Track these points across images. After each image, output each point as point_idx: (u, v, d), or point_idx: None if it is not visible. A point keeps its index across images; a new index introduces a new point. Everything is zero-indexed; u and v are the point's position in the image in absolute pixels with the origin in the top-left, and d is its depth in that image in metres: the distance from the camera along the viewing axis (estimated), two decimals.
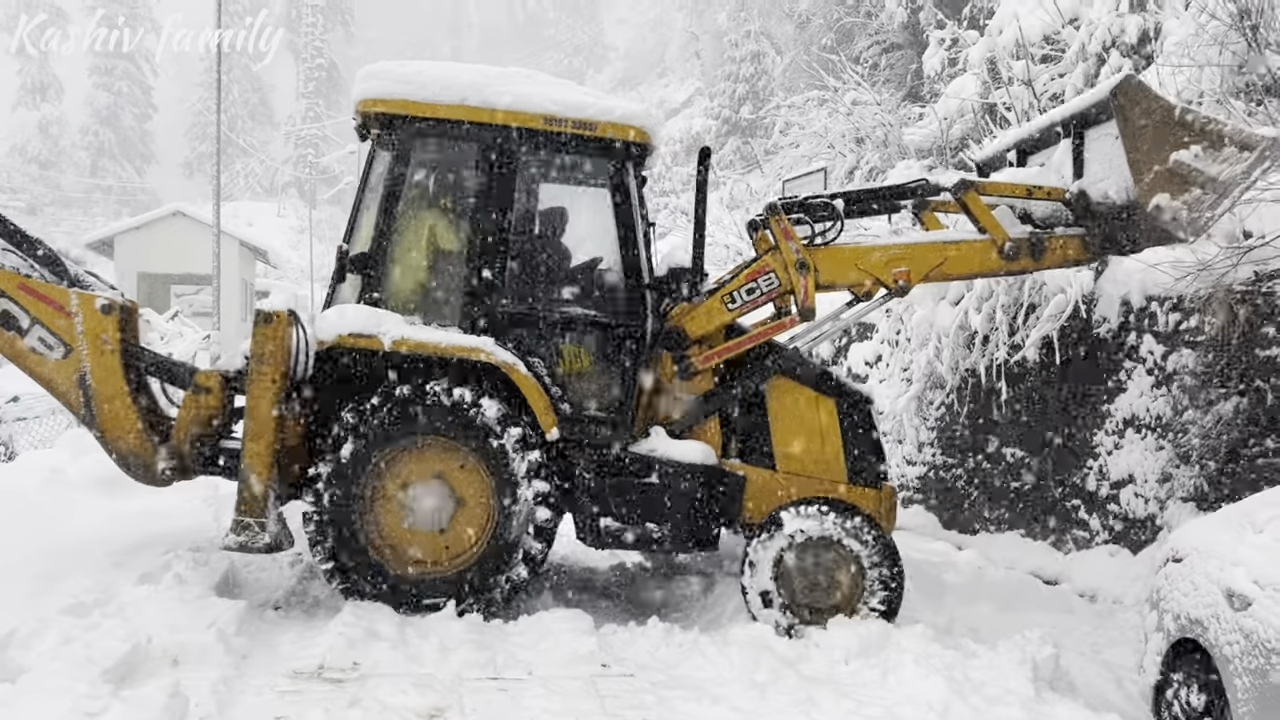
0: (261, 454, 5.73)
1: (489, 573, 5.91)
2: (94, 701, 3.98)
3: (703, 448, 6.25)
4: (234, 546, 5.73)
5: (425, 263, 6.28)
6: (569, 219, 6.83)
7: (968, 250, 6.36)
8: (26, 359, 6.05)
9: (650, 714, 4.55)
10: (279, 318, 5.76)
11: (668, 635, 5.63)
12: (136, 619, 5.05)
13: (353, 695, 4.55)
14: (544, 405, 5.94)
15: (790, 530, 5.90)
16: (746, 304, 6.34)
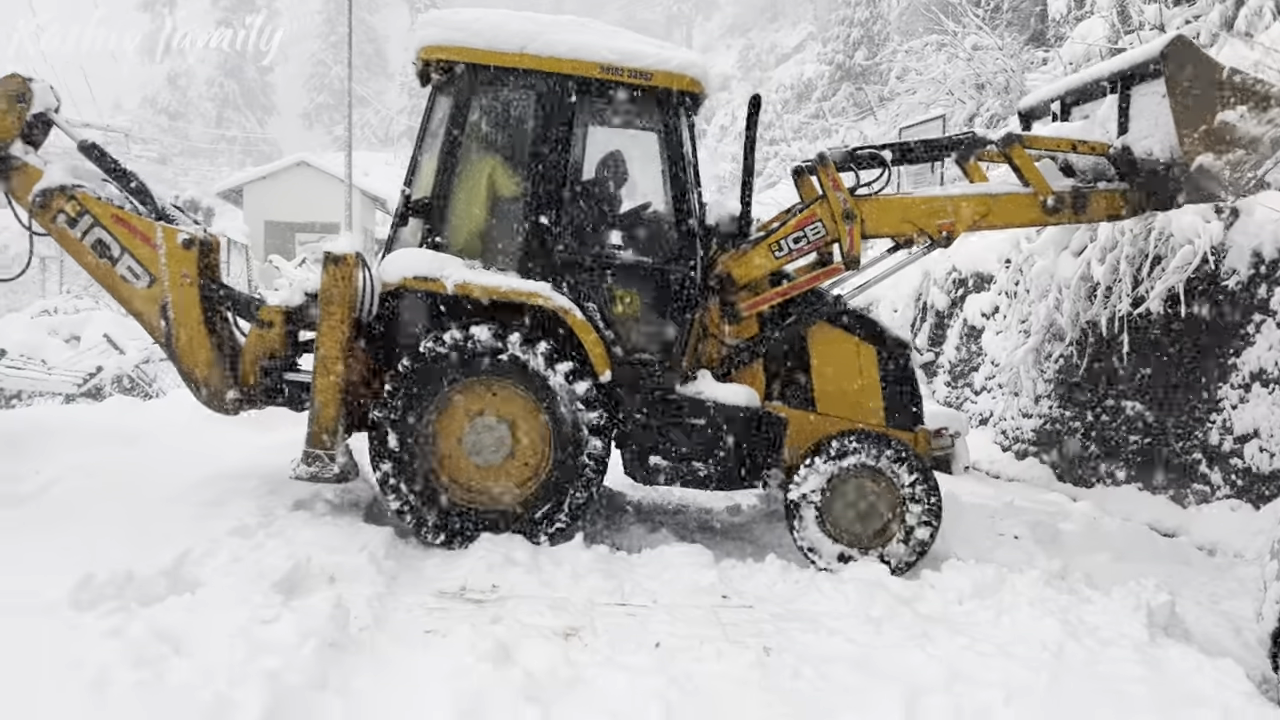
0: (330, 389, 6.04)
1: (546, 505, 6.18)
2: (268, 610, 4.38)
3: (747, 390, 6.49)
4: (304, 476, 6.06)
5: (484, 208, 6.49)
6: (624, 166, 7.02)
7: (1011, 203, 6.53)
8: (117, 286, 6.46)
9: (770, 641, 4.78)
10: (347, 260, 6.02)
11: (784, 572, 5.86)
12: (295, 540, 5.49)
13: (494, 614, 4.90)
14: (597, 348, 6.19)
15: (831, 461, 6.18)
16: (793, 252, 6.53)
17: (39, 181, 6.35)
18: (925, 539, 6.21)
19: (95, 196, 6.39)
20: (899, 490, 6.21)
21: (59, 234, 6.38)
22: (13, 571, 4.61)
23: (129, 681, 3.51)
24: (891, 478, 6.22)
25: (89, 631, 3.92)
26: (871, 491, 6.25)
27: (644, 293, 6.47)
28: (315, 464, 6.03)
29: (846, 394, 6.70)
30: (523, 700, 3.70)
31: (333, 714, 3.65)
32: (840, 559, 6.19)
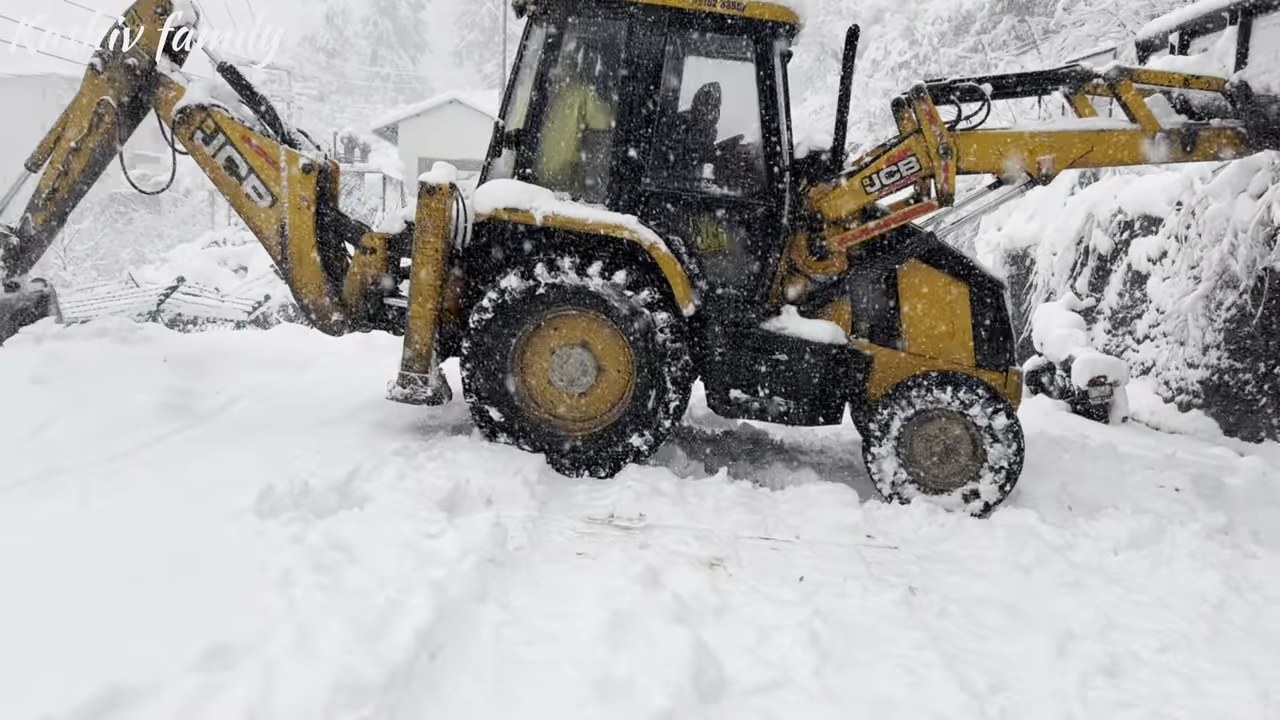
0: (424, 315, 6.22)
1: (627, 433, 6.27)
2: (432, 526, 4.64)
3: (831, 327, 6.43)
4: (399, 398, 6.26)
5: (575, 140, 6.50)
6: (715, 99, 6.91)
7: (1116, 139, 6.30)
8: (242, 203, 6.77)
9: (915, 582, 4.79)
10: (441, 190, 6.16)
11: (931, 514, 5.83)
12: (455, 463, 5.75)
13: (642, 540, 5.05)
14: (681, 281, 6.20)
15: (914, 401, 6.14)
16: (886, 187, 6.42)
17: (180, 98, 6.70)
18: (1006, 482, 6.13)
19: (229, 116, 6.70)
20: (980, 432, 6.14)
21: (194, 150, 6.72)
22: (203, 482, 4.98)
23: (310, 583, 3.79)
24: (973, 419, 6.15)
25: (273, 537, 4.24)
26: (952, 432, 6.21)
27: (730, 226, 6.48)
28: (410, 386, 6.26)
29: (935, 333, 6.62)
30: (672, 621, 3.82)
31: (492, 623, 3.86)
32: (920, 498, 6.15)
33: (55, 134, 6.97)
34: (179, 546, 4.08)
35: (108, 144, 6.93)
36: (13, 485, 4.73)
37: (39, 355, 6.35)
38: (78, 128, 6.88)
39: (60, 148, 6.92)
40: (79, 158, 6.92)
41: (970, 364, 6.57)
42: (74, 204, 7.23)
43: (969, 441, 6.20)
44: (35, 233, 7.11)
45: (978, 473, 6.17)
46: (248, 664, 3.15)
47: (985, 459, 6.15)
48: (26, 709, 2.69)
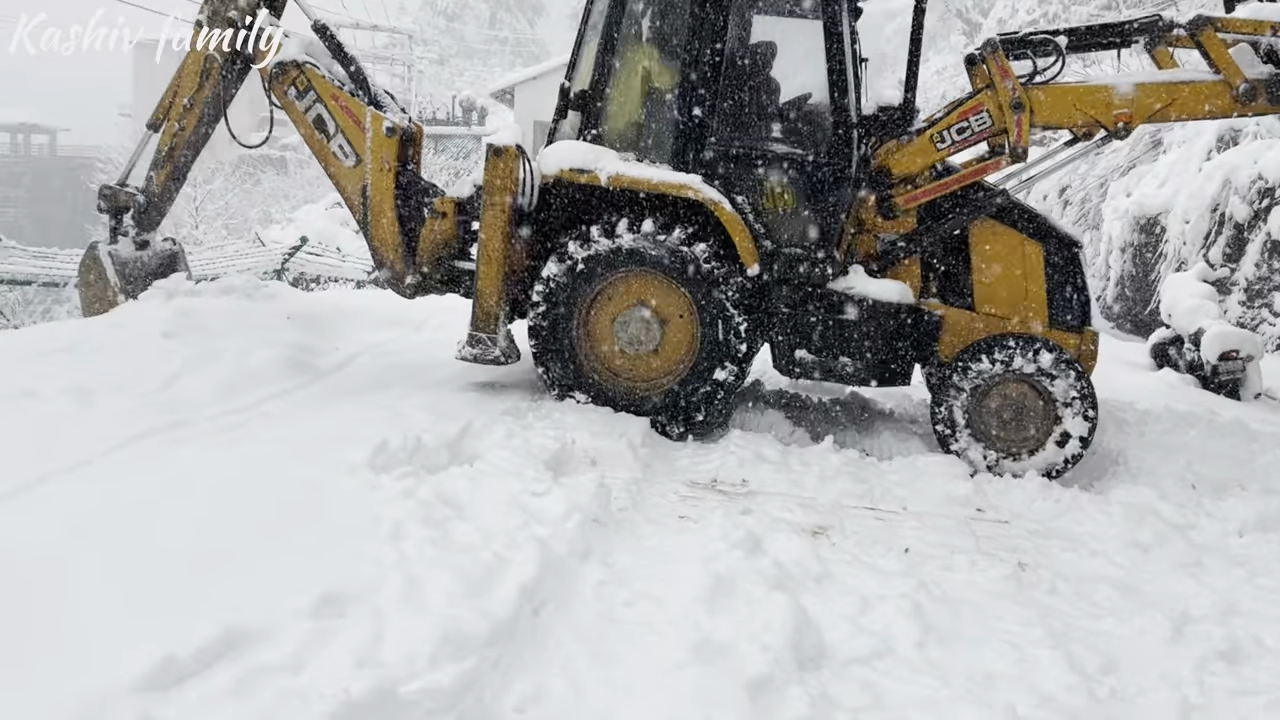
0: (492, 276, 6.27)
1: (692, 392, 6.26)
2: (539, 484, 4.72)
3: (900, 286, 6.33)
4: (468, 358, 6.35)
5: (639, 100, 6.48)
6: (781, 56, 6.79)
7: (1197, 91, 6.06)
8: (328, 160, 6.90)
9: (1025, 557, 4.68)
10: (508, 152, 6.17)
11: (1044, 489, 5.67)
12: (562, 424, 5.82)
13: (744, 506, 5.04)
14: (745, 241, 6.16)
15: (985, 364, 6.05)
16: (956, 143, 6.29)
17: (277, 54, 6.87)
18: (1078, 447, 6.02)
19: (321, 74, 6.84)
20: (1052, 396, 6.03)
21: (288, 105, 6.90)
22: (321, 435, 5.16)
23: (420, 537, 3.90)
24: (1044, 383, 6.03)
25: (386, 491, 4.37)
26: (1022, 397, 6.09)
27: (796, 186, 6.37)
28: (478, 346, 6.35)
29: (1008, 293, 6.46)
30: (773, 587, 3.82)
31: (594, 582, 3.91)
32: (988, 462, 6.09)
33: (171, 92, 7.22)
34: (297, 497, 4.24)
35: (217, 99, 7.14)
36: (145, 434, 4.97)
37: (170, 311, 6.65)
38: (189, 85, 7.12)
39: (175, 105, 7.17)
40: (192, 114, 7.17)
41: (1044, 325, 6.42)
42: (192, 160, 7.47)
43: (1040, 406, 6.08)
44: (159, 190, 7.40)
45: (1047, 438, 6.07)
46: (358, 612, 3.26)
47: (1057, 424, 6.03)
48: (152, 647, 2.84)
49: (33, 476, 4.20)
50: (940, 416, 6.19)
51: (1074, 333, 6.44)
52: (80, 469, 4.47)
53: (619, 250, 6.19)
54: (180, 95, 7.16)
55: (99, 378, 5.70)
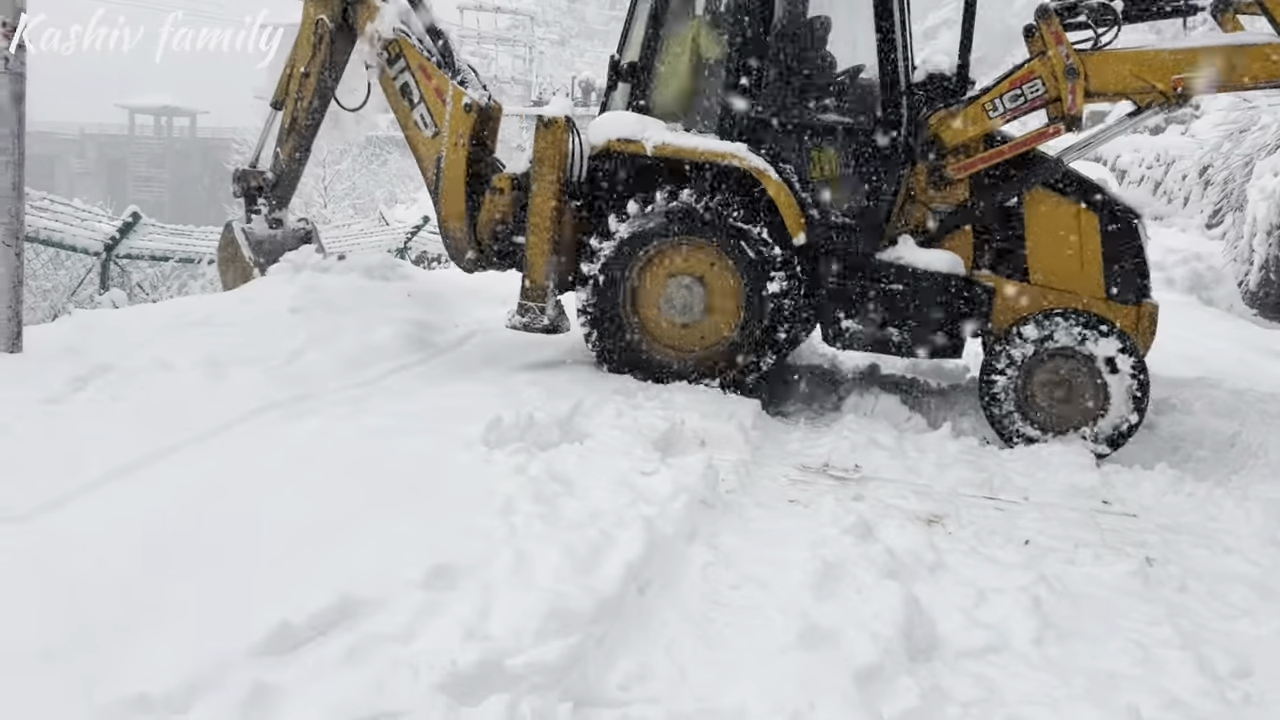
0: (541, 246, 6.31)
1: (738, 360, 6.28)
2: (647, 463, 4.72)
3: (950, 257, 6.27)
4: (518, 326, 6.41)
5: (687, 71, 6.48)
6: (828, 24, 6.70)
7: (1259, 54, 5.76)
8: (409, 128, 6.99)
9: (1153, 552, 4.47)
10: (557, 123, 6.22)
11: (1176, 483, 5.40)
12: (671, 404, 5.81)
13: (856, 492, 4.95)
14: (792, 210, 6.16)
15: (1035, 338, 5.95)
16: (1009, 111, 6.15)
17: (374, 20, 6.98)
18: (1130, 424, 5.92)
19: (413, 44, 6.93)
20: (1102, 373, 5.90)
21: (380, 68, 7.01)
22: (437, 410, 5.28)
23: (530, 512, 3.94)
24: (1095, 359, 5.91)
25: (499, 466, 4.44)
26: (1073, 373, 5.98)
27: (844, 155, 6.36)
28: (528, 315, 6.42)
29: (1063, 264, 6.31)
30: (884, 575, 3.73)
31: (700, 563, 3.90)
32: (1035, 439, 5.98)
33: (290, 67, 7.41)
34: (413, 469, 4.34)
35: (331, 64, 7.29)
36: (270, 407, 5.15)
37: (297, 287, 6.87)
38: (304, 54, 7.30)
39: (294, 78, 7.37)
40: (309, 83, 7.33)
41: (1100, 297, 6.27)
42: (314, 132, 7.62)
43: (1091, 382, 5.95)
44: (286, 165, 7.61)
45: (1100, 415, 5.95)
46: (468, 585, 3.32)
47: (1108, 401, 5.91)
48: (270, 612, 2.94)
49: (165, 445, 4.40)
50: (989, 389, 6.09)
51: (1132, 305, 6.30)
52: (209, 439, 4.66)
53: (666, 218, 6.22)
54: (297, 66, 7.35)
55: (230, 351, 5.93)
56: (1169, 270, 15.00)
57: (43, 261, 9.05)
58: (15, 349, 5.42)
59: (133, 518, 3.61)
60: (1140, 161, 26.66)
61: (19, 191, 5.42)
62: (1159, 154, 25.44)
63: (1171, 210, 23.57)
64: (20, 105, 5.37)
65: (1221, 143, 16.63)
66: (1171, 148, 24.63)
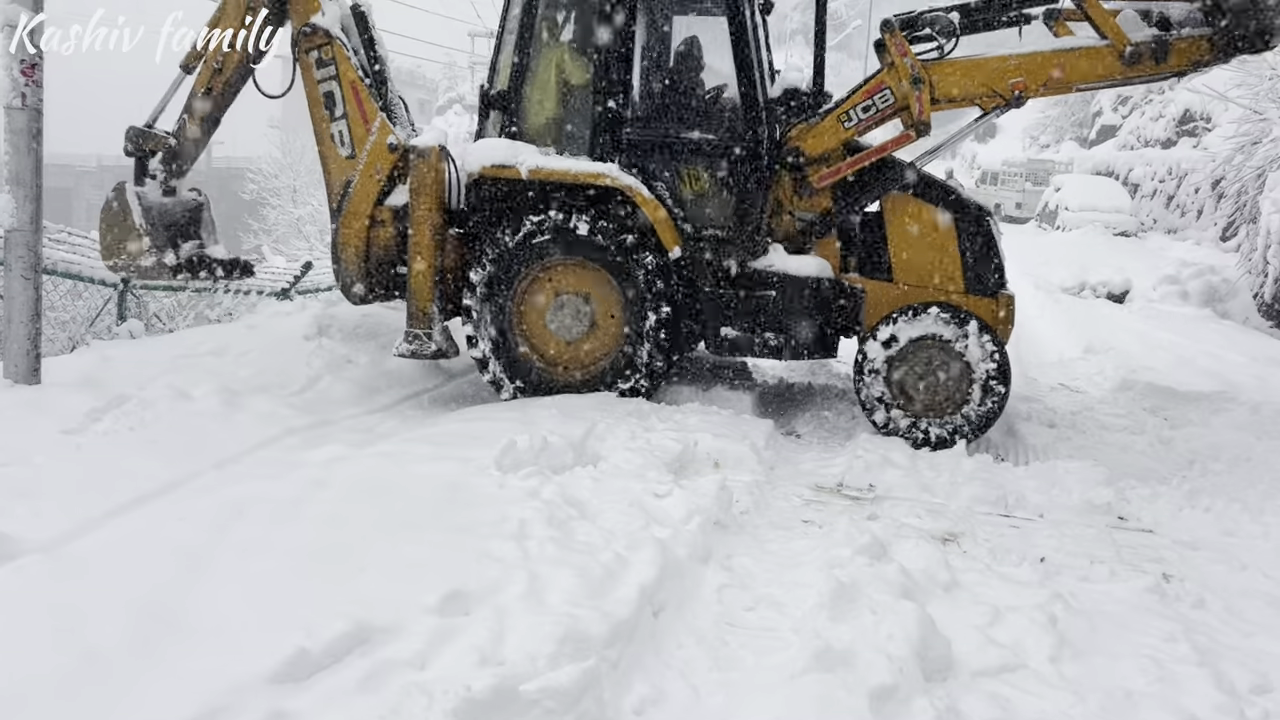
0: (424, 273, 6.36)
1: (623, 375, 6.45)
2: (660, 486, 4.72)
3: (819, 262, 6.57)
4: (405, 354, 6.41)
5: (556, 97, 6.66)
6: (690, 47, 6.99)
7: (1085, 56, 6.21)
8: (324, 140, 6.89)
9: (1170, 569, 4.45)
10: (431, 152, 6.26)
11: (1192, 498, 5.39)
12: (685, 425, 5.82)
13: (870, 511, 4.95)
14: (666, 225, 6.35)
15: (922, 324, 6.28)
16: (863, 121, 6.45)
17: (313, 15, 6.82)
18: (992, 409, 6.28)
19: (348, 57, 6.80)
20: (965, 360, 6.27)
21: (305, 68, 6.88)
22: (450, 435, 5.31)
23: (543, 536, 3.95)
24: (957, 348, 6.27)
25: (512, 491, 4.45)
26: (937, 362, 6.33)
27: (712, 170, 6.58)
28: (414, 342, 6.43)
29: (924, 262, 6.68)
30: (899, 595, 3.72)
31: (715, 585, 3.90)
32: (889, 416, 6.35)
33: (208, 34, 7.08)
34: (427, 495, 4.36)
35: (257, 42, 7.03)
36: (286, 434, 5.21)
37: (310, 316, 6.93)
38: (230, 26, 6.98)
39: (214, 48, 7.04)
40: (231, 56, 7.03)
41: (961, 291, 6.63)
42: (226, 107, 7.35)
43: (954, 370, 6.32)
44: (191, 134, 7.28)
45: (965, 400, 6.31)
46: (482, 610, 3.33)
47: (971, 387, 6.27)
48: (286, 639, 2.96)
49: (183, 474, 4.45)
50: (862, 383, 6.40)
51: (990, 297, 6.63)
52: (227, 466, 4.71)
53: (544, 239, 6.37)
54: (219, 37, 7.00)
55: (246, 379, 6.00)
56: (1184, 284, 14.97)
57: (61, 293, 9.15)
58: (34, 380, 5.49)
59: (150, 546, 3.65)
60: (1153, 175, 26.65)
61: (37, 225, 5.49)
62: (1171, 167, 25.45)
63: (1185, 223, 23.54)
64: (38, 141, 5.46)
65: (1233, 155, 16.60)
66: (1184, 161, 24.63)
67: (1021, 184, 34.93)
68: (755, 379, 7.87)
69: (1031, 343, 11.47)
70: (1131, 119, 32.68)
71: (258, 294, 10.25)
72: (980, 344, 6.24)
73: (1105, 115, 36.79)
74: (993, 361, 6.24)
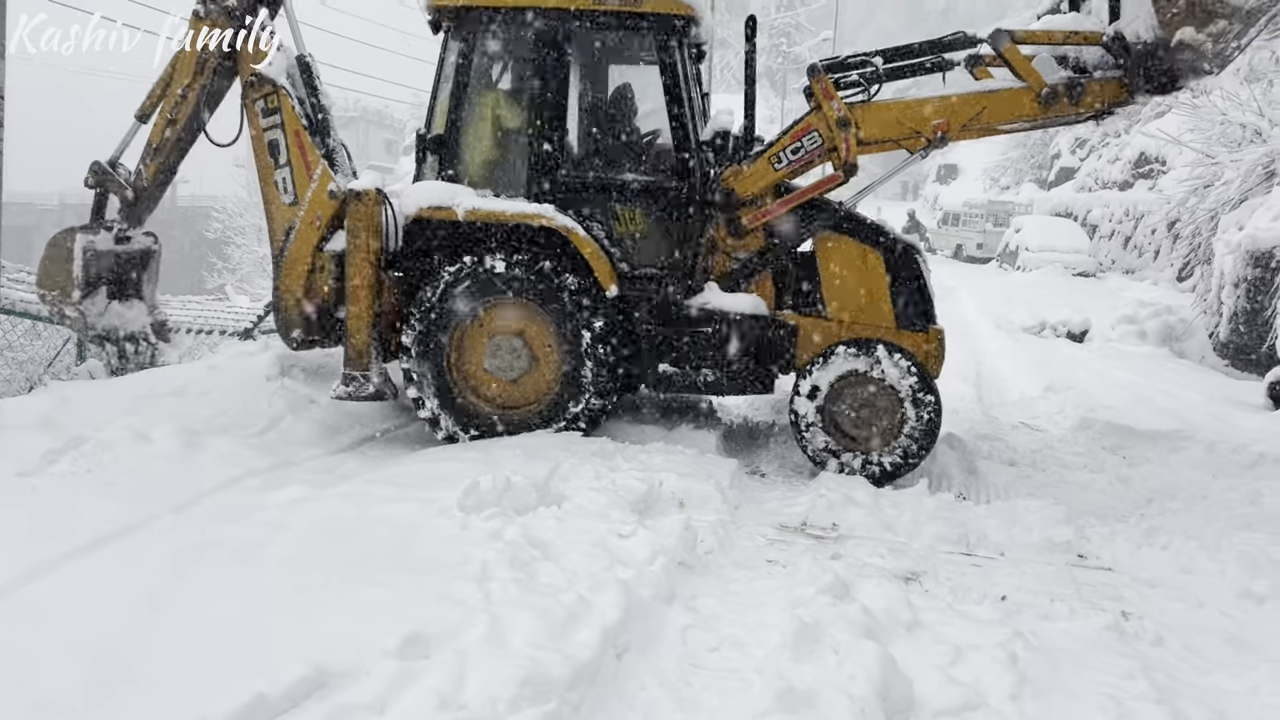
0: (361, 315, 6.35)
1: (570, 409, 6.48)
2: (625, 526, 4.72)
3: (752, 299, 6.71)
4: (343, 396, 6.37)
5: (492, 140, 6.75)
6: (629, 93, 7.14)
7: (1004, 98, 6.45)
8: (268, 186, 6.91)
9: (1129, 607, 4.49)
10: (368, 196, 6.29)
11: (1150, 536, 5.44)
12: (650, 465, 5.81)
13: (834, 551, 4.96)
14: (603, 264, 6.44)
15: (835, 365, 6.39)
16: (793, 163, 6.61)
17: (260, 64, 6.88)
18: (930, 420, 6.36)
19: (293, 106, 6.84)
20: (887, 384, 6.38)
21: (251, 116, 6.91)
22: (413, 476, 5.28)
23: (505, 578, 3.93)
24: (874, 375, 6.38)
25: (475, 532, 4.42)
26: (863, 395, 6.43)
27: (647, 211, 6.69)
28: (352, 384, 6.39)
29: (855, 299, 6.84)
30: (861, 635, 3.73)
31: (679, 626, 3.89)
32: (840, 461, 6.41)
33: (163, 83, 7.16)
34: (388, 536, 4.33)
35: (210, 93, 7.12)
36: (247, 475, 5.16)
37: (273, 356, 6.88)
38: (184, 76, 7.06)
39: (169, 96, 7.14)
40: (185, 106, 7.11)
41: (891, 326, 6.79)
42: (183, 154, 7.41)
43: (881, 398, 6.42)
44: (148, 184, 7.35)
45: (898, 432, 6.39)
46: (443, 653, 3.30)
47: (903, 407, 6.36)
48: (243, 685, 2.92)
49: (141, 516, 4.39)
50: (796, 417, 6.47)
51: (920, 332, 6.80)
52: (186, 509, 4.65)
53: (481, 279, 6.42)
54: (174, 86, 7.12)
55: (206, 420, 5.94)
56: (1142, 323, 15.23)
57: (19, 333, 9.02)
58: None
59: (106, 591, 3.59)
60: (1110, 216, 27.18)
61: None
62: (1128, 209, 25.97)
63: (1142, 264, 23.99)
64: None
65: (1187, 198, 16.96)
66: (1140, 203, 25.14)
67: (983, 225, 35.48)
68: (720, 418, 7.90)
69: (993, 381, 11.62)
70: (1089, 161, 33.36)
71: (220, 334, 10.15)
72: (894, 364, 6.34)
73: (1064, 158, 37.52)
74: (911, 376, 6.34)
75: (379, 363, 6.56)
